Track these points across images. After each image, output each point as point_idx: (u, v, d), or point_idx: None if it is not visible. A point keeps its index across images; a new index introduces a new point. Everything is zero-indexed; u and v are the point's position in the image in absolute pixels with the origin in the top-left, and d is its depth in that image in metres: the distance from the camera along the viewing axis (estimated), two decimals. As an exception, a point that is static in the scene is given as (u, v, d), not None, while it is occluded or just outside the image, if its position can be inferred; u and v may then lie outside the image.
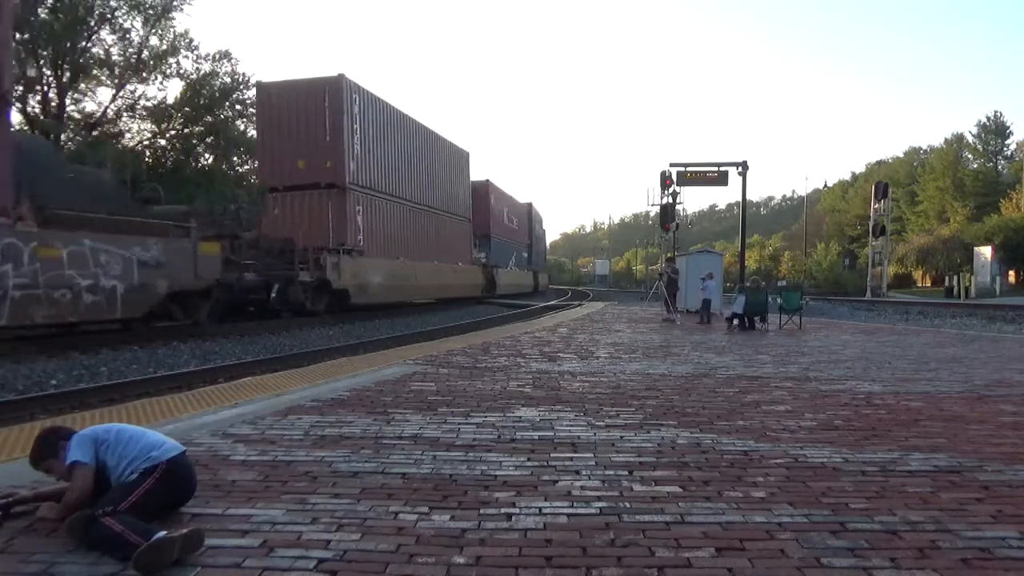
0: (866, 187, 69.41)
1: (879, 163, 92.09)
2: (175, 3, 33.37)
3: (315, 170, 22.85)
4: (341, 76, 23.05)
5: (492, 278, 39.18)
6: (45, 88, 31.16)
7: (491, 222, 41.51)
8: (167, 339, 14.23)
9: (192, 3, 67.73)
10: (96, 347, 12.68)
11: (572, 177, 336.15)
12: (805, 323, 16.45)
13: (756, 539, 2.91)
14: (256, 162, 27.46)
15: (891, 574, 2.59)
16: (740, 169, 24.33)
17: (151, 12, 33.06)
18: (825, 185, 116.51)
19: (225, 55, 34.71)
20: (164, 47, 33.00)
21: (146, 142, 34.33)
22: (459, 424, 5.06)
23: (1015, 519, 3.17)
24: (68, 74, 31.17)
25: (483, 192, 40.87)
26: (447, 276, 31.59)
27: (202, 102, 33.15)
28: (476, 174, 43.56)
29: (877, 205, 46.87)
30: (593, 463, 4.05)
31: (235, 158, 34.39)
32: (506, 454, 4.24)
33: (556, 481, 3.70)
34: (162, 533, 2.63)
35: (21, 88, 30.63)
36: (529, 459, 4.13)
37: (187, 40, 33.43)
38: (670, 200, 26.49)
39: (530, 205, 56.95)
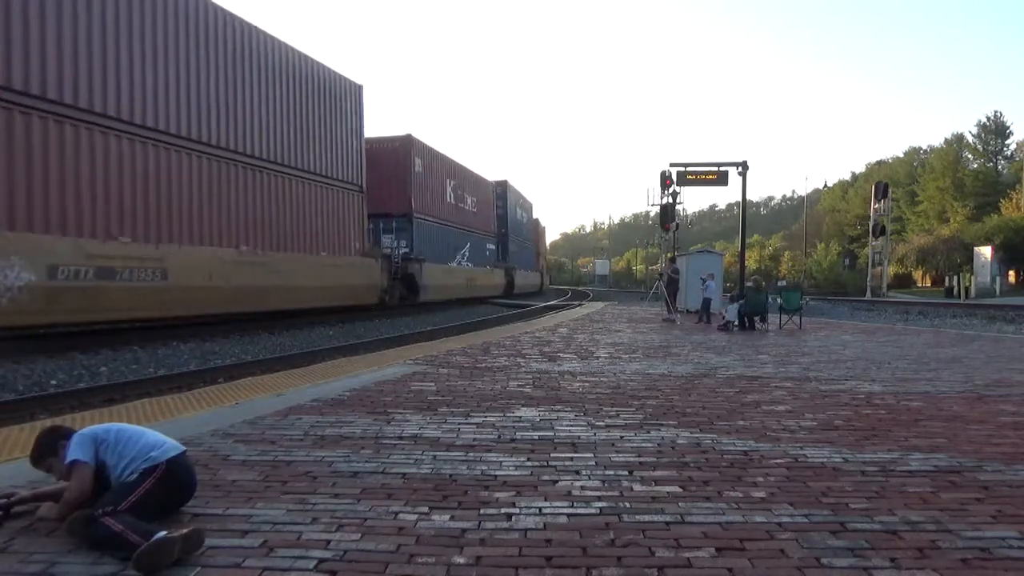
0: (866, 187, 69.42)
1: (879, 163, 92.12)
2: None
3: None
4: None
5: (409, 278, 26.53)
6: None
7: (413, 196, 28.13)
8: (167, 339, 14.23)
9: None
10: (96, 347, 12.68)
11: (572, 177, 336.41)
12: (805, 323, 16.46)
13: (756, 539, 2.91)
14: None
15: (891, 574, 2.59)
16: (740, 169, 24.30)
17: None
18: (825, 185, 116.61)
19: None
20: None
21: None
22: (459, 424, 5.06)
23: (1015, 519, 3.17)
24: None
25: (399, 152, 27.79)
26: (291, 273, 18.53)
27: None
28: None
29: (877, 205, 46.85)
30: (593, 463, 4.05)
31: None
32: (506, 454, 4.24)
33: (556, 481, 3.70)
34: (162, 533, 2.63)
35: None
36: (529, 459, 4.13)
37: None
38: (670, 200, 26.49)
39: (504, 184, 44.79)
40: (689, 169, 25.34)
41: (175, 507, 3.15)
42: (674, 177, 25.48)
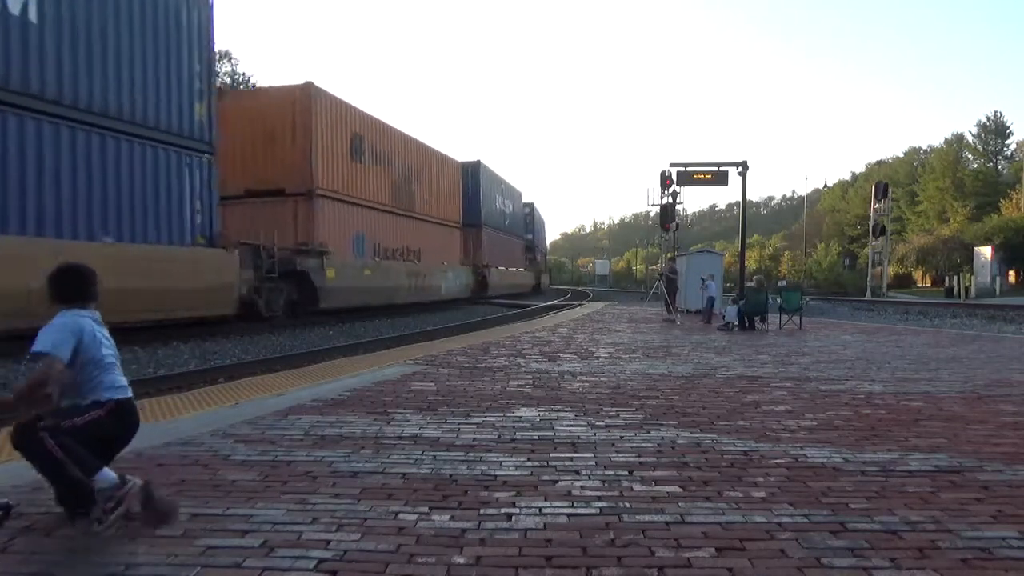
0: (866, 187, 69.39)
1: (879, 163, 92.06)
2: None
3: None
4: None
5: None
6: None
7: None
8: (167, 339, 14.22)
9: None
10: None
11: (572, 177, 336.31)
12: (805, 323, 16.45)
13: (756, 539, 2.91)
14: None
15: (891, 574, 2.59)
16: (740, 169, 24.26)
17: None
18: (825, 185, 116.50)
19: (225, 55, 34.78)
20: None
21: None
22: (459, 424, 5.06)
23: (1015, 519, 3.17)
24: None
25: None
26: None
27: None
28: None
29: (877, 205, 46.85)
30: (593, 463, 4.05)
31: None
32: (506, 454, 4.24)
33: (556, 481, 3.70)
34: (108, 473, 2.81)
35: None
36: (529, 459, 4.13)
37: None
38: (670, 200, 26.42)
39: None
40: (689, 169, 25.29)
41: (120, 446, 3.21)
42: (674, 177, 25.43)
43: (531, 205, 54.32)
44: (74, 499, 2.88)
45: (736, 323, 15.31)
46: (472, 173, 35.31)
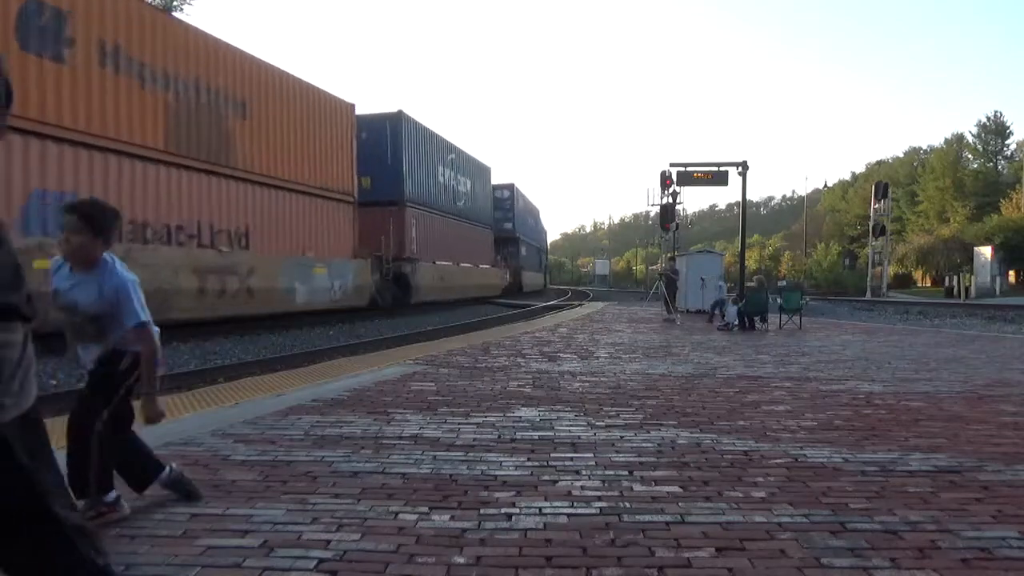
0: (866, 187, 69.34)
1: (879, 163, 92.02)
2: (175, 3, 33.39)
3: None
4: None
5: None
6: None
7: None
8: (167, 339, 14.17)
9: (192, 3, 67.63)
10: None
11: (572, 177, 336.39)
12: (805, 323, 16.45)
13: (756, 539, 2.91)
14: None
15: (891, 574, 2.59)
16: (740, 169, 24.22)
17: (150, 12, 33.04)
18: (825, 185, 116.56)
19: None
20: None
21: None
22: (459, 424, 5.06)
23: (1015, 519, 3.17)
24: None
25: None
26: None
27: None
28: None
29: (877, 205, 46.83)
30: (593, 463, 4.05)
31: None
32: (506, 454, 4.24)
33: (556, 481, 3.70)
34: (112, 496, 2.94)
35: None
36: (529, 459, 4.13)
37: (187, 40, 33.49)
38: (670, 200, 26.42)
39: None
40: (689, 169, 25.26)
41: None
42: (674, 177, 25.41)
43: (511, 187, 45.33)
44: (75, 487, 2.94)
45: (736, 323, 15.32)
46: (391, 130, 24.51)
